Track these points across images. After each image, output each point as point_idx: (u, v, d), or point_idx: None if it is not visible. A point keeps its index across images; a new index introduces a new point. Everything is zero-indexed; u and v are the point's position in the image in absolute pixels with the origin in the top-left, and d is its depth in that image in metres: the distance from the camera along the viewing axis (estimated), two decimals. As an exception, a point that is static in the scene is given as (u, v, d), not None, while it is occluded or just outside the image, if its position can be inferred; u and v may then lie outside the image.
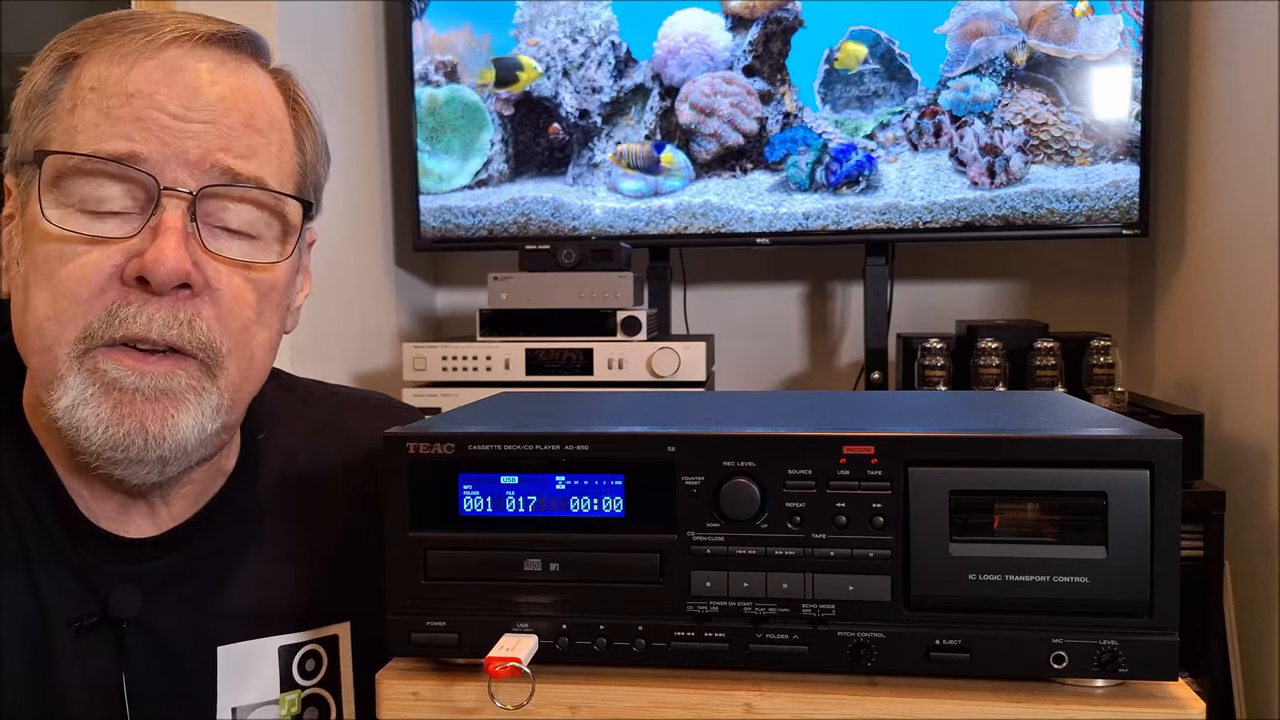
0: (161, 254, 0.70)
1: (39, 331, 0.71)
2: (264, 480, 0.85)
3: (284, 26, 1.92)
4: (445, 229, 2.26)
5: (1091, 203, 2.06)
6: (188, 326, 0.72)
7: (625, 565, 0.65)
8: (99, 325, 0.70)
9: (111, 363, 0.71)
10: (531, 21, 2.20)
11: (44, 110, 0.73)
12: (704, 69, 2.16)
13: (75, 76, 0.73)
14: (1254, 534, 1.79)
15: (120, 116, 0.71)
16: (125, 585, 0.77)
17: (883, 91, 2.11)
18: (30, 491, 0.77)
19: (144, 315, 0.71)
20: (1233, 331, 1.89)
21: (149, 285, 0.70)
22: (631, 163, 2.15)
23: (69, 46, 0.74)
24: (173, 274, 0.70)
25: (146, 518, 0.80)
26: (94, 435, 0.71)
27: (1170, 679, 0.62)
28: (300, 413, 0.90)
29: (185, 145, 0.72)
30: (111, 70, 0.72)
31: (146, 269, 0.70)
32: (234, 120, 0.74)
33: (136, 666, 0.77)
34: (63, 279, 0.71)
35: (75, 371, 0.71)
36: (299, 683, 0.83)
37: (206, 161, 0.72)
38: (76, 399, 0.71)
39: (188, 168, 0.72)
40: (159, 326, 0.71)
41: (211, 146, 0.72)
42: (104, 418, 0.71)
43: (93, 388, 0.71)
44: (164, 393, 0.72)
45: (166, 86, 0.72)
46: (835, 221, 2.14)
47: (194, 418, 0.73)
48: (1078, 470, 0.61)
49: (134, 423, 0.71)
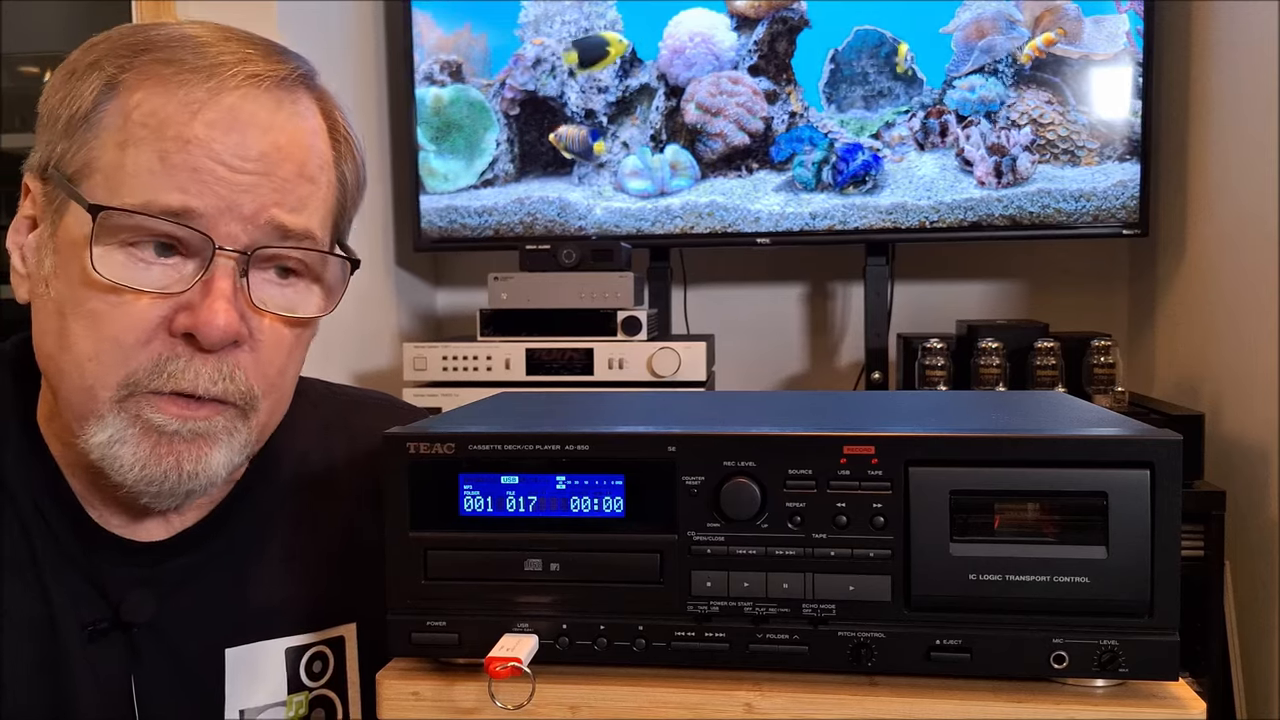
0: (214, 316, 0.70)
1: (79, 369, 0.71)
2: (275, 482, 0.85)
3: (285, 26, 1.92)
4: (451, 229, 2.26)
5: (1099, 202, 2.06)
6: (230, 380, 0.73)
7: (625, 565, 0.65)
8: (145, 376, 0.71)
9: (157, 411, 0.72)
10: (537, 21, 2.20)
11: (88, 134, 0.71)
12: (709, 69, 2.16)
13: (124, 106, 0.71)
14: (1254, 534, 1.79)
15: (176, 165, 0.70)
16: (138, 590, 0.77)
17: (888, 91, 2.11)
18: (40, 496, 0.77)
19: (191, 370, 0.71)
20: (1233, 331, 1.89)
21: (195, 340, 0.71)
22: (569, 146, 2.18)
23: (116, 70, 0.72)
24: (225, 337, 0.71)
25: (158, 523, 0.80)
26: (129, 473, 0.72)
27: (1171, 679, 0.62)
28: (306, 414, 0.90)
29: (240, 200, 0.71)
30: (170, 111, 0.70)
31: (199, 329, 0.70)
32: (287, 171, 0.73)
33: (147, 670, 0.77)
34: (108, 324, 0.70)
35: (116, 414, 0.71)
36: (306, 684, 0.83)
37: (260, 217, 0.72)
38: (114, 437, 0.71)
39: (241, 223, 0.71)
40: (205, 383, 0.72)
41: (265, 202, 0.72)
42: (142, 457, 0.72)
43: (133, 429, 0.72)
44: (200, 435, 0.73)
45: (225, 135, 0.71)
46: (842, 221, 2.14)
47: (224, 455, 0.74)
48: (1078, 470, 0.61)
49: (171, 461, 0.72)
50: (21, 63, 2.22)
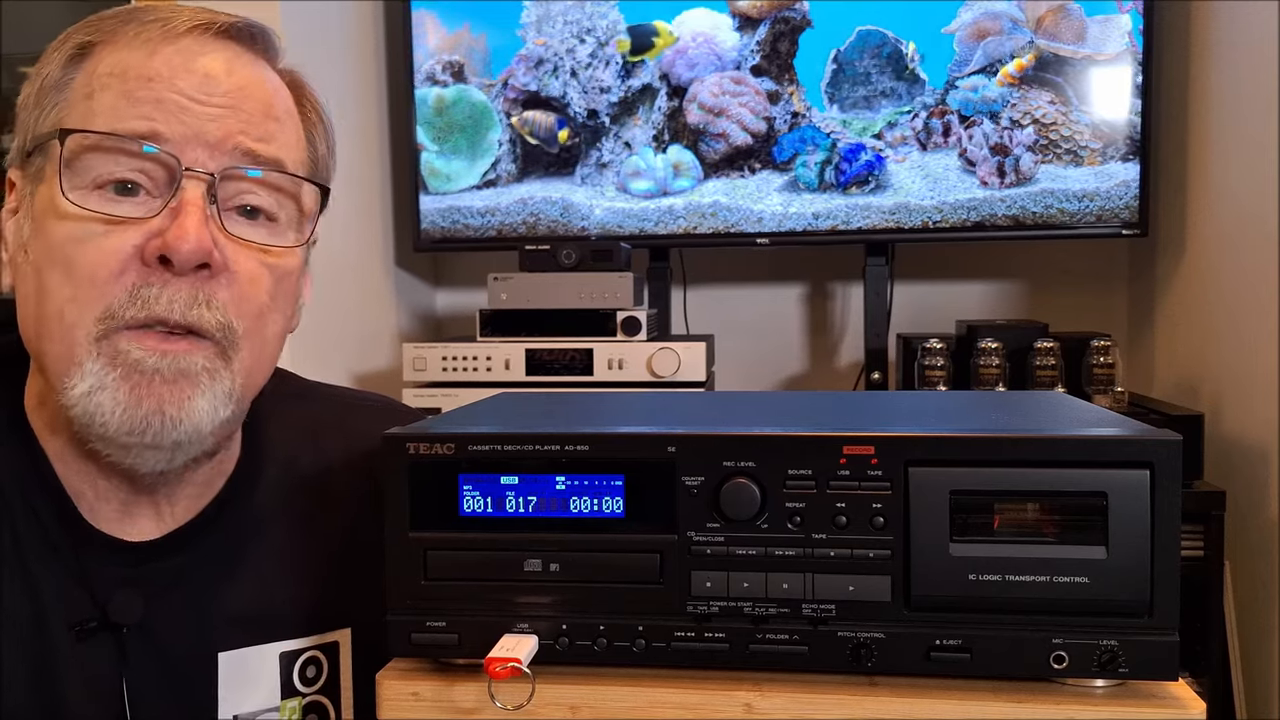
0: (184, 232, 0.70)
1: (59, 315, 0.71)
2: (266, 481, 0.85)
3: (286, 25, 1.92)
4: (454, 229, 2.26)
5: (1102, 202, 2.06)
6: (205, 306, 0.72)
7: (625, 565, 0.65)
8: (120, 306, 0.70)
9: (134, 344, 0.71)
10: (539, 21, 2.20)
11: (57, 97, 0.74)
12: (712, 69, 2.16)
13: (91, 65, 0.74)
14: (1254, 534, 1.79)
15: (141, 98, 0.72)
16: (126, 590, 0.77)
17: (890, 91, 2.11)
18: (29, 493, 0.77)
19: (165, 296, 0.71)
20: (1233, 331, 1.89)
21: (170, 265, 0.71)
22: (534, 131, 2.18)
23: (84, 36, 0.75)
24: (195, 252, 0.71)
25: (150, 518, 0.79)
26: (110, 420, 0.71)
27: (1170, 679, 0.62)
28: (302, 414, 0.90)
29: (205, 127, 0.72)
30: (131, 56, 0.73)
31: (169, 247, 0.70)
32: (252, 107, 0.75)
33: (137, 671, 0.77)
34: (82, 261, 0.71)
35: (94, 357, 0.71)
36: (300, 690, 0.83)
37: (227, 143, 0.73)
38: (94, 385, 0.71)
39: (208, 149, 0.72)
40: (180, 307, 0.71)
41: (231, 129, 0.73)
42: (122, 400, 0.71)
43: (112, 372, 0.71)
44: (181, 374, 0.72)
45: (186, 72, 0.73)
46: (845, 221, 2.14)
47: (209, 400, 0.73)
48: (1078, 470, 0.61)
49: (152, 404, 0.71)
50: (22, 63, 2.22)
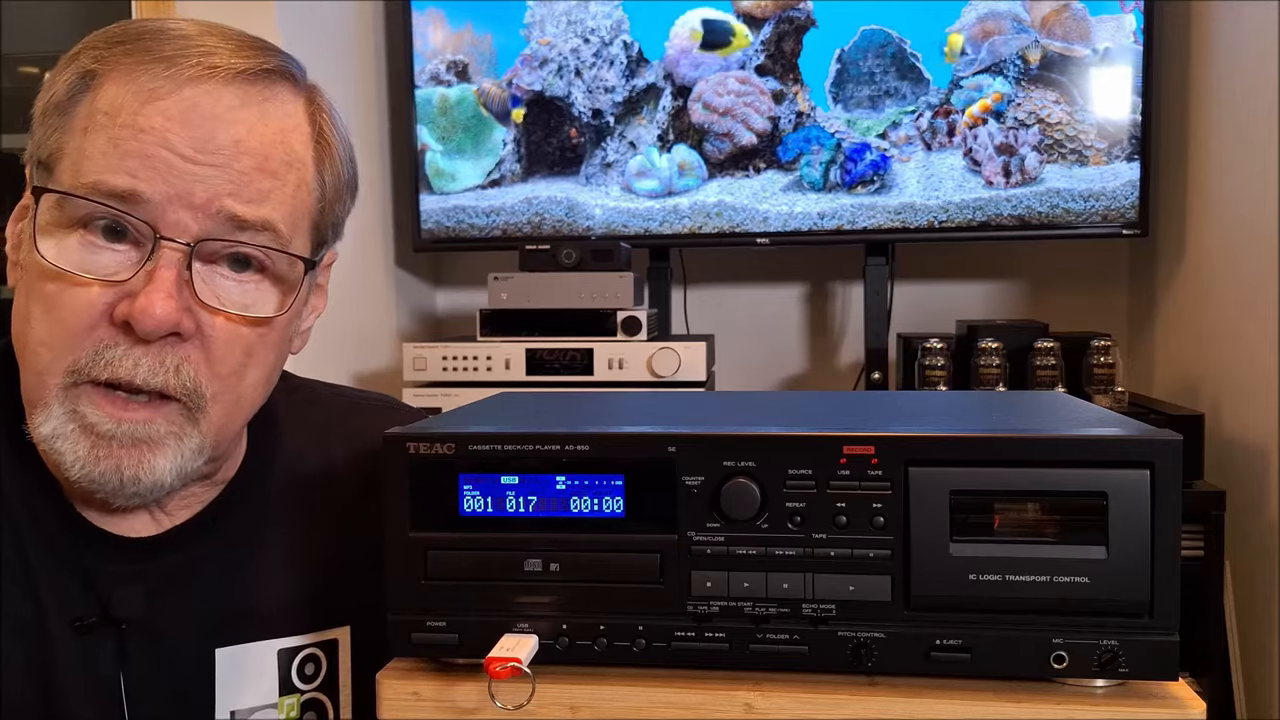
0: (150, 305, 0.69)
1: (35, 353, 0.71)
2: (270, 481, 0.85)
3: (284, 26, 1.92)
4: (459, 229, 2.27)
5: (1108, 202, 2.06)
6: (174, 373, 0.71)
7: (625, 565, 0.65)
8: (86, 363, 0.70)
9: (91, 406, 0.71)
10: (542, 21, 2.21)
11: (59, 121, 0.72)
12: (716, 68, 2.16)
13: (93, 96, 0.71)
14: (1254, 534, 1.79)
15: (127, 151, 0.69)
16: (127, 586, 0.77)
17: (894, 91, 2.11)
18: (28, 492, 0.77)
19: (130, 360, 0.70)
20: (1232, 332, 1.89)
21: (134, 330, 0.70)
22: (487, 104, 2.19)
23: (91, 61, 0.72)
24: (159, 327, 0.69)
25: (147, 522, 0.80)
26: (71, 470, 0.72)
27: (1171, 679, 0.62)
28: (305, 414, 0.90)
29: (191, 188, 0.70)
30: (128, 97, 0.70)
31: (134, 318, 0.69)
32: (246, 164, 0.72)
33: (136, 668, 0.77)
34: (57, 308, 0.70)
35: (60, 403, 0.71)
36: (298, 686, 0.83)
37: (212, 206, 0.71)
38: (56, 430, 0.71)
39: (191, 211, 0.70)
40: (144, 373, 0.70)
41: (219, 191, 0.71)
42: (81, 456, 0.71)
43: (72, 424, 0.71)
44: (141, 440, 0.72)
45: (180, 127, 0.70)
46: (850, 221, 2.14)
47: (172, 461, 0.73)
48: (1078, 470, 0.61)
49: (110, 464, 0.71)
50: (21, 63, 2.22)
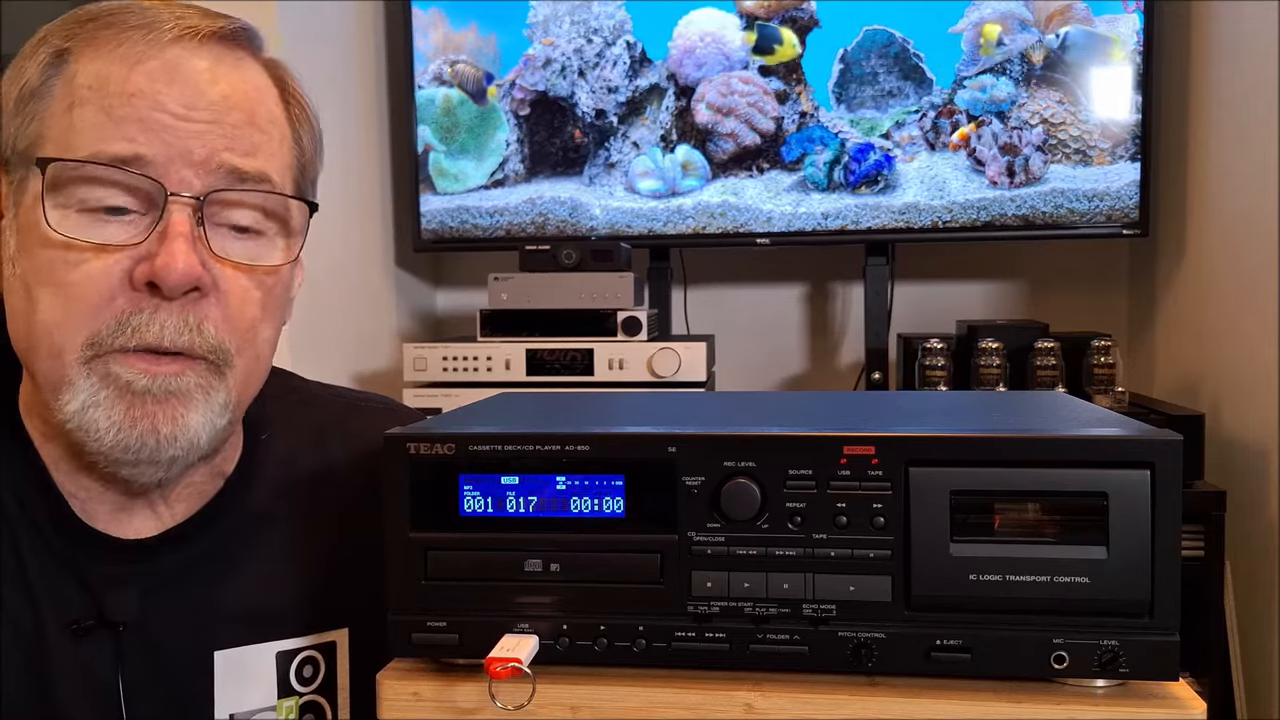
0: (172, 259, 0.70)
1: (48, 337, 0.71)
2: (264, 482, 0.85)
3: (284, 26, 1.92)
4: (463, 229, 2.27)
5: (1112, 202, 2.06)
6: (197, 331, 0.72)
7: (626, 565, 0.65)
8: (109, 333, 0.70)
9: (125, 366, 0.71)
10: (546, 21, 2.21)
11: (37, 107, 0.72)
12: (719, 69, 2.16)
13: (70, 74, 0.72)
14: (1254, 534, 1.79)
15: (123, 117, 0.70)
16: (122, 588, 0.77)
17: (897, 91, 2.11)
18: (23, 492, 0.77)
19: (155, 323, 0.71)
20: (1233, 331, 1.89)
21: (158, 290, 0.70)
22: (462, 83, 2.19)
23: (61, 40, 0.73)
24: (184, 279, 0.70)
25: (147, 518, 0.79)
26: (105, 437, 0.71)
27: (1171, 679, 0.62)
28: (302, 414, 0.90)
29: (189, 145, 0.71)
30: (112, 69, 0.71)
31: (157, 275, 0.70)
32: (237, 118, 0.74)
33: (133, 670, 0.76)
34: (70, 285, 0.70)
35: (85, 376, 0.71)
36: (297, 689, 0.83)
37: (212, 161, 0.72)
38: (87, 401, 0.71)
39: (193, 168, 0.71)
40: (170, 333, 0.71)
41: (216, 146, 0.72)
42: (116, 420, 0.71)
43: (105, 390, 0.71)
44: (173, 393, 0.72)
45: (168, 86, 0.71)
46: (854, 221, 2.14)
47: (203, 414, 0.73)
48: (1078, 470, 0.61)
49: (146, 424, 0.72)
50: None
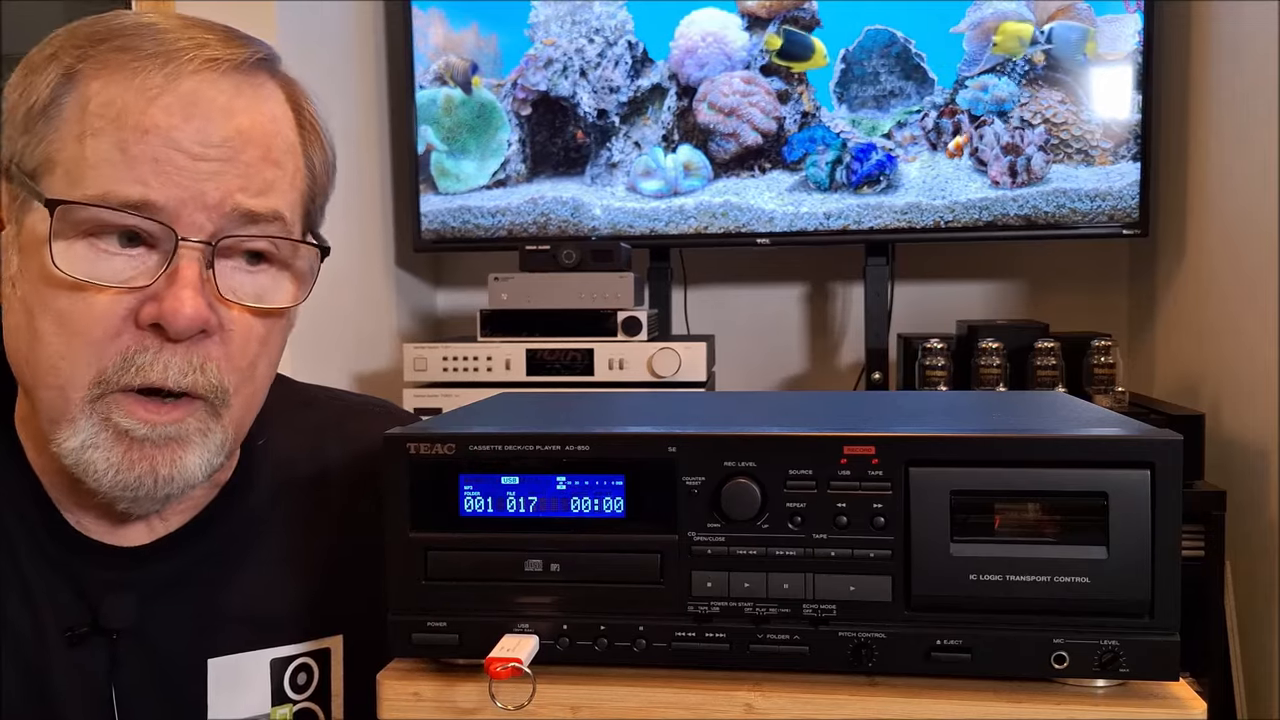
0: (180, 305, 0.69)
1: (52, 369, 0.70)
2: (262, 487, 0.84)
3: (284, 26, 1.92)
4: (465, 229, 2.27)
5: (1114, 202, 2.06)
6: (200, 371, 0.71)
7: (626, 565, 0.65)
8: (114, 371, 0.70)
9: (124, 414, 0.70)
10: (547, 21, 2.21)
11: (46, 129, 0.70)
12: (721, 69, 2.17)
13: (82, 97, 0.69)
14: (1254, 534, 1.79)
15: (136, 156, 0.68)
16: (117, 594, 0.76)
17: (899, 91, 2.11)
18: (18, 501, 0.77)
19: (160, 363, 0.70)
20: (1233, 331, 1.89)
21: (164, 331, 0.70)
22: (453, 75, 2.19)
23: (73, 59, 0.70)
24: (191, 325, 0.69)
25: (140, 529, 0.79)
26: (103, 478, 0.71)
27: (1171, 679, 0.62)
28: (300, 418, 0.89)
29: (203, 188, 0.70)
30: (128, 99, 0.69)
31: (164, 318, 0.69)
32: (252, 155, 0.72)
33: (128, 677, 0.76)
34: (75, 320, 0.69)
35: (87, 415, 0.70)
36: (290, 696, 0.82)
37: (226, 204, 0.70)
38: (87, 442, 0.71)
39: (205, 211, 0.70)
40: (174, 375, 0.70)
41: (230, 187, 0.71)
42: (115, 462, 0.71)
43: (105, 433, 0.71)
44: (172, 439, 0.72)
45: (186, 122, 0.69)
46: (857, 221, 2.14)
47: (200, 455, 0.73)
48: (1078, 470, 0.61)
49: (145, 465, 0.71)
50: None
